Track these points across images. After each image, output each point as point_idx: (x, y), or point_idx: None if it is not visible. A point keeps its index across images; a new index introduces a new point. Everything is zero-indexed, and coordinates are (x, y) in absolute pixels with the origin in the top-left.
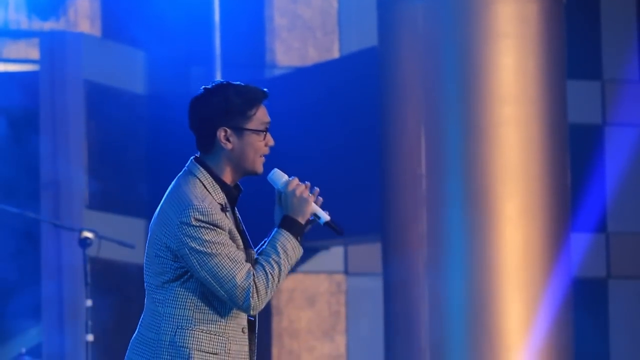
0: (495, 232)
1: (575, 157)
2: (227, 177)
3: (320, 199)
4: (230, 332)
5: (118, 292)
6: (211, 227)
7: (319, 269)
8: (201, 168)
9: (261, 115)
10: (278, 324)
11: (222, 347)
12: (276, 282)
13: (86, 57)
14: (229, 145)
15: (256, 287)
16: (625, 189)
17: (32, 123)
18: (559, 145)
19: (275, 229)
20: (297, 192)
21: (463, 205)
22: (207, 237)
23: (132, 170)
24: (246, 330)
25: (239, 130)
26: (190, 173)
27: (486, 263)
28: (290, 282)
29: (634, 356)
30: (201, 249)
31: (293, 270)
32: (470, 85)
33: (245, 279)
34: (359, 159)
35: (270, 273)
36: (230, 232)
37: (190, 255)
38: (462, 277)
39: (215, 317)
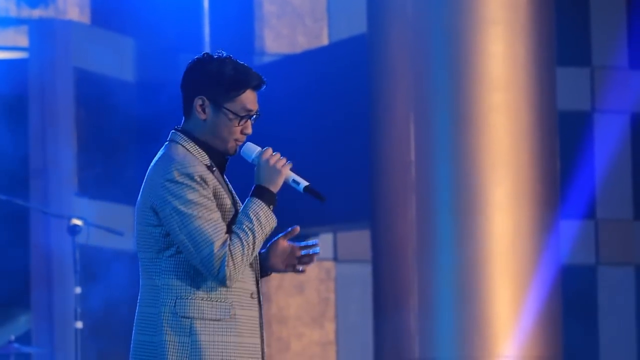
0: (484, 219)
1: (564, 143)
2: (207, 142)
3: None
4: (233, 297)
5: (107, 279)
6: (195, 182)
7: None
8: (182, 135)
9: (246, 101)
10: (267, 311)
11: (226, 313)
12: (251, 249)
13: (75, 44)
14: (203, 116)
15: (232, 256)
16: (614, 175)
17: (21, 110)
18: (548, 132)
19: (248, 198)
20: (271, 162)
21: (452, 191)
22: (190, 197)
23: (121, 157)
24: (255, 296)
25: (217, 105)
26: (172, 141)
27: (475, 249)
28: None
29: (622, 343)
30: (183, 208)
31: None
32: (460, 72)
33: (221, 248)
34: (348, 145)
35: (245, 240)
36: (215, 190)
37: (171, 216)
38: (451, 264)
39: (214, 283)
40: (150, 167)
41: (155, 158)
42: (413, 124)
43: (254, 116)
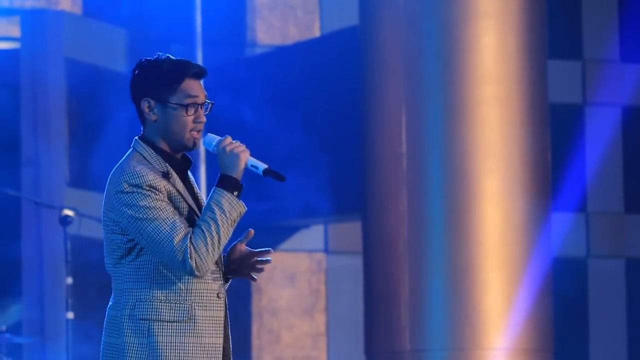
0: (476, 211)
1: (555, 136)
2: (166, 147)
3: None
4: (194, 298)
5: (98, 269)
6: (145, 190)
7: (299, 248)
8: (141, 142)
9: (188, 89)
10: (258, 303)
11: (185, 315)
12: (215, 238)
13: (67, 34)
14: (153, 117)
15: (194, 248)
16: (605, 168)
17: (12, 100)
18: (539, 125)
19: (212, 189)
20: (227, 149)
21: (443, 183)
22: (142, 203)
23: (113, 147)
24: (222, 295)
25: (162, 103)
26: (132, 149)
27: (466, 242)
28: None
29: (612, 335)
30: (138, 215)
31: (273, 248)
32: (451, 64)
33: (182, 242)
34: (340, 137)
35: (207, 230)
36: (169, 195)
37: (129, 224)
38: (442, 256)
39: (174, 286)
40: (109, 176)
41: (115, 166)
42: (404, 116)
43: (204, 104)
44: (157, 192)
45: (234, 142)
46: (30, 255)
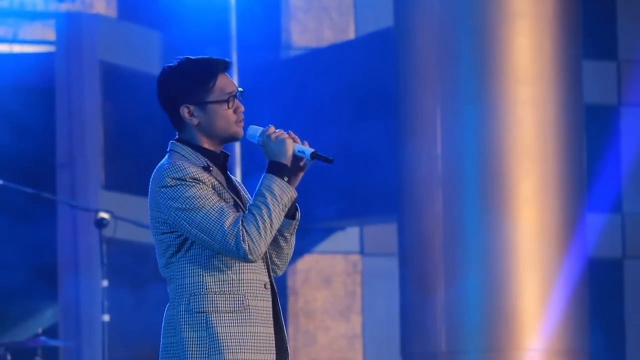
0: (511, 212)
1: (590, 137)
2: (208, 144)
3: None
4: (245, 289)
5: (134, 272)
6: (189, 182)
7: (334, 250)
8: (179, 143)
9: (222, 85)
10: (294, 304)
11: (239, 305)
12: (267, 222)
13: (102, 38)
14: (195, 121)
15: (246, 231)
16: None
17: (48, 104)
18: (574, 126)
19: (262, 176)
20: (273, 136)
21: (479, 185)
22: (188, 194)
23: (148, 150)
24: (269, 286)
25: (201, 105)
26: (170, 150)
27: (502, 243)
28: (306, 263)
29: None
30: (184, 206)
31: (309, 250)
32: (486, 66)
33: (233, 226)
34: (375, 139)
35: (258, 214)
36: (213, 187)
37: (177, 217)
38: (478, 257)
39: (226, 277)
40: (151, 177)
41: (156, 168)
42: (439, 117)
43: (239, 93)
44: (200, 183)
45: (277, 130)
46: (66, 258)
